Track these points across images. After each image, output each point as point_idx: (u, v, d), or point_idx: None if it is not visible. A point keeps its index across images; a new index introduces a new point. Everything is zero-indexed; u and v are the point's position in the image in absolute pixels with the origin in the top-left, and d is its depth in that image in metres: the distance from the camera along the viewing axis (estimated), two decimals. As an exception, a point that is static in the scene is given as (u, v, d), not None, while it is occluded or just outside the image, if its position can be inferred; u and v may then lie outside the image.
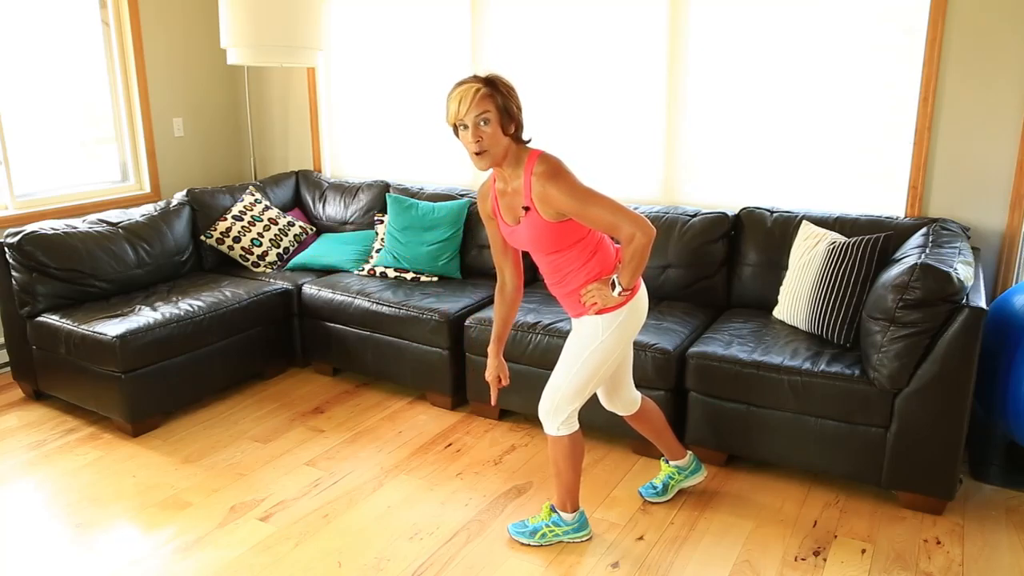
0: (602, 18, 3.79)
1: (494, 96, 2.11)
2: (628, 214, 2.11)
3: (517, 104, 2.16)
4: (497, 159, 2.17)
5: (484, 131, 2.11)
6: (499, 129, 2.13)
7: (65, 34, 4.18)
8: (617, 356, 2.33)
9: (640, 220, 2.10)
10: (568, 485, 2.46)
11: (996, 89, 3.06)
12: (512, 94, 2.16)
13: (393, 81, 4.49)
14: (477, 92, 2.09)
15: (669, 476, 2.75)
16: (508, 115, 2.13)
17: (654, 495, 2.74)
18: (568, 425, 2.38)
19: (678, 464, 2.75)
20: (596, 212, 2.11)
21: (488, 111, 2.10)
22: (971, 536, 2.55)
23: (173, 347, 3.34)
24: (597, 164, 3.96)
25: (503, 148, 2.16)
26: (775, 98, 3.48)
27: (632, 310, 2.30)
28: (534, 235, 2.23)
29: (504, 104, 2.12)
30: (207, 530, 2.62)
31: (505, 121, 2.13)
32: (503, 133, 2.14)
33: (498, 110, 2.11)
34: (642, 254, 2.13)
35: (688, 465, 2.75)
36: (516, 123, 2.17)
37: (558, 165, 2.16)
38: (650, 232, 2.11)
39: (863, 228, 3.18)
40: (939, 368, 2.50)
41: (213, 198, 4.22)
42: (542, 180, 2.13)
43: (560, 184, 2.12)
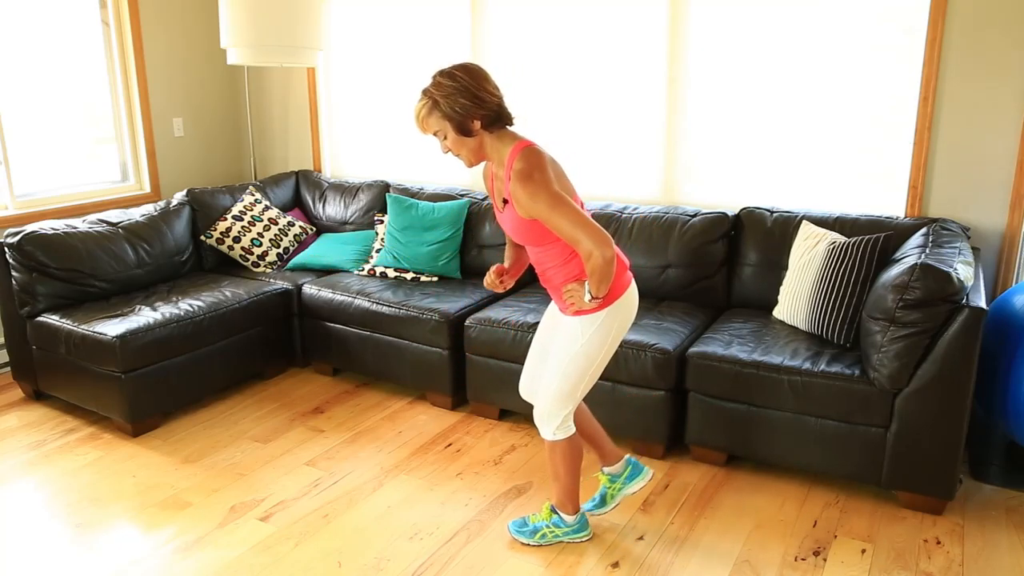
0: (602, 18, 3.79)
1: (437, 107, 2.07)
2: (591, 231, 2.02)
3: (474, 99, 2.05)
4: (475, 157, 2.15)
5: (446, 143, 2.12)
6: (457, 135, 2.10)
7: (65, 34, 4.18)
8: (604, 356, 2.30)
9: (601, 239, 2.02)
10: (567, 488, 2.46)
11: (996, 89, 3.06)
12: (455, 97, 2.05)
13: (393, 81, 4.49)
14: (420, 112, 2.09)
15: (604, 487, 2.60)
16: (463, 117, 2.06)
17: (593, 507, 2.61)
18: (564, 429, 2.37)
19: (611, 471, 2.58)
20: (559, 222, 2.04)
21: (437, 128, 2.10)
22: (971, 536, 2.55)
23: (173, 347, 3.34)
24: (597, 164, 3.96)
25: (474, 147, 2.13)
26: (775, 98, 3.48)
27: (612, 314, 2.25)
28: (514, 226, 2.21)
29: (451, 111, 2.06)
30: (207, 530, 2.62)
31: (462, 125, 2.08)
32: (467, 135, 2.10)
33: (447, 119, 2.07)
34: (601, 272, 2.06)
35: (622, 471, 2.57)
36: (479, 118, 2.08)
37: (533, 166, 2.06)
38: (608, 254, 2.02)
39: (863, 228, 3.18)
40: (939, 368, 2.50)
41: (213, 198, 4.22)
42: (515, 180, 2.07)
43: (528, 188, 2.05)
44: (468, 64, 2.12)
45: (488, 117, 2.10)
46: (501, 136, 2.16)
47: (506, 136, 2.17)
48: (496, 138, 2.15)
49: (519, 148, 2.12)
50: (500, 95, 2.14)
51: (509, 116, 2.16)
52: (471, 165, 2.18)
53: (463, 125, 2.08)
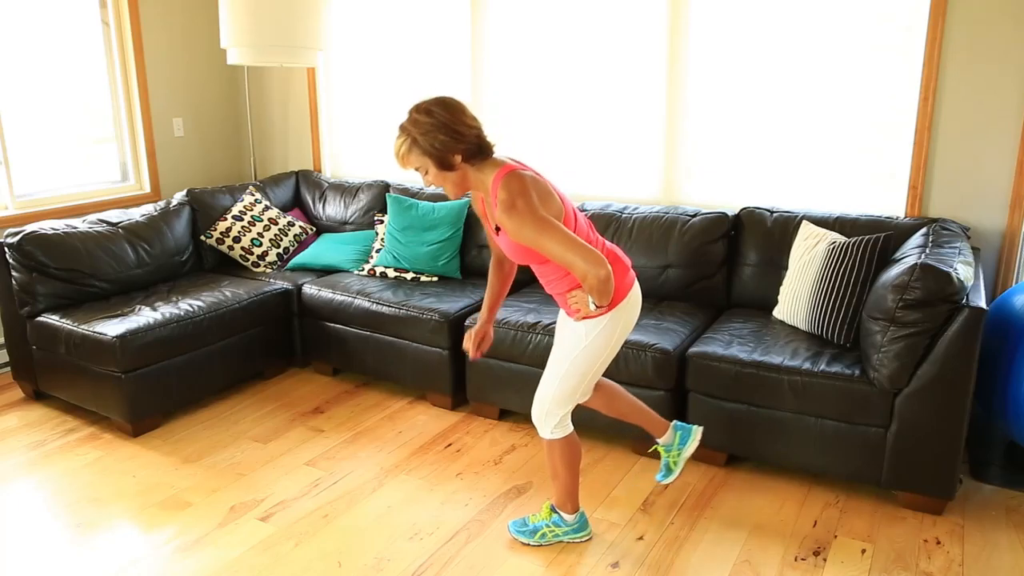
0: (602, 18, 3.79)
1: (416, 144, 2.07)
2: (583, 251, 2.00)
3: (452, 133, 2.05)
4: (459, 189, 2.16)
5: (428, 178, 2.13)
6: (438, 169, 2.10)
7: (65, 34, 4.18)
8: (606, 357, 2.31)
9: (593, 259, 2.00)
10: (567, 487, 2.46)
11: (996, 89, 3.06)
12: (433, 133, 2.04)
13: (393, 81, 4.49)
14: (400, 149, 2.10)
15: (665, 458, 2.64)
16: (443, 152, 2.06)
17: (663, 477, 2.64)
18: (562, 428, 2.38)
19: (664, 442, 2.62)
20: (549, 247, 2.03)
21: (418, 165, 2.11)
22: (971, 536, 2.55)
23: (173, 347, 3.34)
24: (597, 164, 3.96)
25: (456, 180, 2.13)
26: (775, 98, 3.48)
27: (616, 316, 2.26)
28: (511, 249, 2.22)
29: (430, 147, 2.06)
30: (207, 530, 2.62)
31: (442, 160, 2.07)
32: (448, 169, 2.10)
33: (427, 155, 2.07)
34: (600, 289, 2.05)
35: (672, 440, 2.61)
36: (459, 152, 2.08)
37: (516, 193, 2.04)
38: (602, 273, 2.01)
39: (863, 228, 3.18)
40: (939, 368, 2.50)
41: (213, 198, 4.22)
42: (500, 210, 2.07)
43: (514, 218, 2.04)
44: (444, 99, 2.11)
45: (468, 150, 2.10)
46: (484, 164, 2.15)
47: (487, 165, 2.15)
48: (478, 168, 2.15)
49: (501, 176, 2.10)
50: (478, 127, 2.13)
51: (489, 146, 2.15)
52: (456, 197, 2.18)
53: (444, 160, 2.08)
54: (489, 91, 4.17)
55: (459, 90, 4.25)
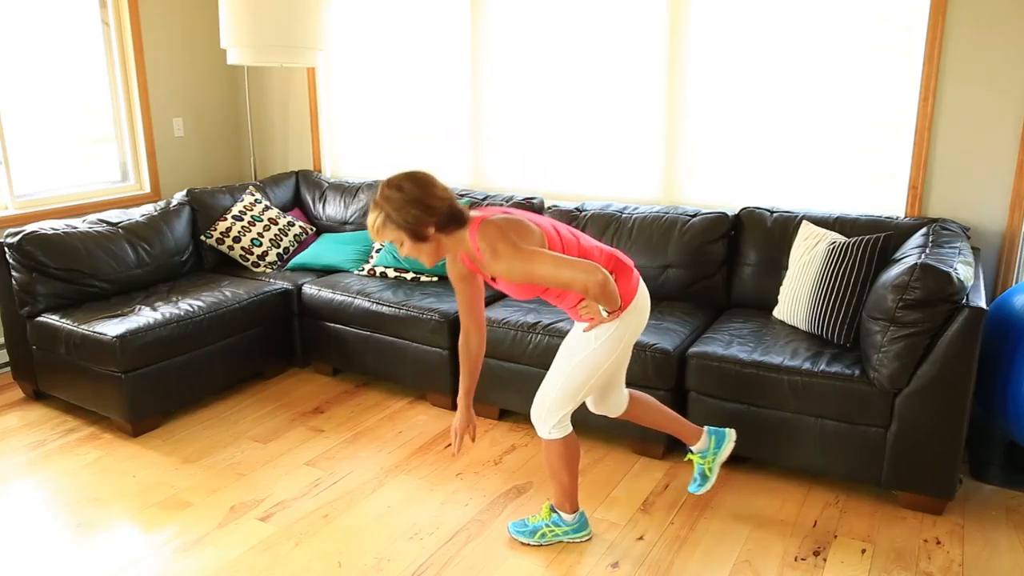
0: (602, 18, 3.79)
1: (390, 219, 2.10)
2: (573, 266, 2.05)
3: (424, 207, 2.08)
4: (435, 257, 2.18)
5: (403, 249, 2.16)
6: (413, 242, 2.13)
7: (65, 34, 4.18)
8: (612, 363, 2.33)
9: (586, 268, 2.05)
10: (565, 487, 2.46)
11: (996, 89, 3.06)
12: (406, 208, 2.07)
13: (393, 81, 4.49)
14: (375, 224, 2.13)
15: (699, 464, 2.64)
16: (416, 226, 2.09)
17: (698, 487, 2.64)
18: (560, 428, 2.38)
19: (699, 449, 2.63)
20: (543, 275, 2.08)
21: (393, 238, 2.14)
22: (971, 536, 2.55)
23: (173, 347, 3.34)
24: (597, 164, 3.96)
25: (431, 250, 2.16)
26: (775, 98, 3.48)
27: (625, 320, 2.29)
28: (512, 290, 2.28)
29: (403, 222, 2.09)
30: (207, 530, 2.62)
31: (416, 232, 2.11)
32: (422, 240, 2.13)
33: (400, 228, 2.10)
34: (603, 294, 2.09)
35: (707, 445, 2.62)
36: (432, 225, 2.11)
37: (494, 239, 2.09)
38: (599, 277, 2.05)
39: (863, 228, 3.18)
40: (939, 368, 2.50)
41: (213, 198, 4.22)
42: (487, 259, 2.12)
43: (501, 262, 2.09)
44: (414, 174, 2.14)
45: (440, 222, 2.13)
46: (458, 232, 2.18)
47: (461, 231, 2.18)
48: (453, 234, 2.17)
49: (474, 230, 2.14)
50: (449, 196, 2.15)
51: (461, 214, 2.16)
52: (431, 265, 2.22)
53: (417, 232, 2.11)
54: (489, 91, 4.17)
55: (459, 90, 4.26)
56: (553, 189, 4.12)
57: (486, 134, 4.25)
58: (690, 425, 2.64)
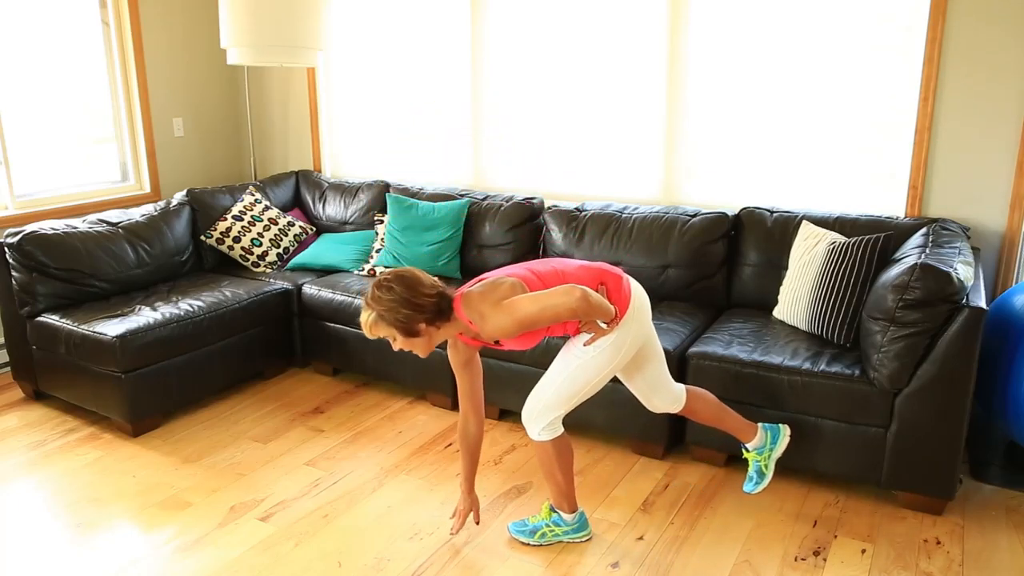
0: (602, 18, 3.79)
1: (383, 318, 2.15)
2: (550, 296, 2.11)
3: (413, 307, 2.13)
4: (427, 348, 2.24)
5: (396, 344, 2.21)
6: (406, 337, 2.18)
7: (65, 34, 4.18)
8: (610, 373, 2.34)
9: (562, 291, 2.11)
10: (560, 488, 2.46)
11: (996, 88, 3.06)
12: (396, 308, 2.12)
13: (393, 81, 4.49)
14: (367, 322, 2.18)
15: (756, 462, 2.64)
16: (407, 323, 2.14)
17: (755, 486, 2.63)
18: (550, 430, 2.38)
19: (755, 445, 2.63)
20: (527, 316, 2.12)
21: (386, 334, 2.19)
22: (971, 536, 2.55)
23: (173, 347, 3.34)
24: (597, 164, 3.96)
25: (424, 343, 2.22)
26: (775, 98, 3.48)
27: (623, 329, 2.30)
28: (518, 344, 2.32)
29: (394, 320, 2.14)
30: (207, 530, 2.62)
31: (408, 329, 2.16)
32: (414, 336, 2.18)
33: (392, 326, 2.16)
34: (589, 311, 2.14)
35: (763, 441, 2.63)
36: (422, 321, 2.16)
37: (478, 305, 2.17)
38: (576, 294, 2.10)
39: (863, 228, 3.18)
40: (939, 368, 2.50)
41: (213, 198, 4.22)
42: (482, 326, 2.18)
43: (490, 322, 2.15)
44: (401, 273, 2.18)
45: (430, 317, 2.18)
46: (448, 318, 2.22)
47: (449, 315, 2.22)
48: (447, 320, 2.23)
49: (459, 309, 2.21)
50: (437, 289, 2.20)
51: (449, 304, 2.22)
52: (425, 356, 2.28)
53: (409, 329, 2.17)
54: (489, 91, 4.17)
55: (459, 90, 4.26)
56: (553, 189, 4.12)
57: (486, 134, 4.25)
58: (746, 421, 2.64)
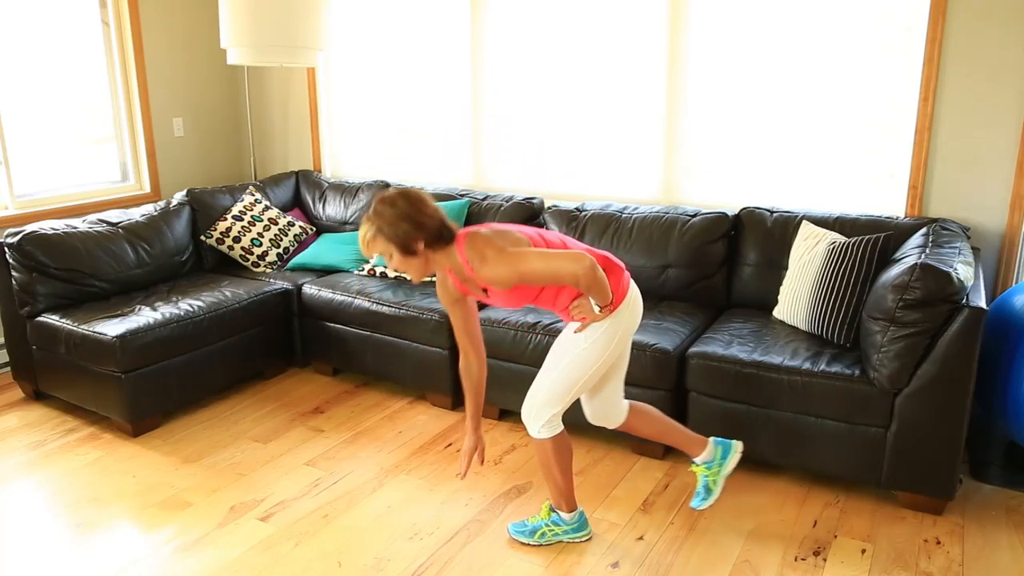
0: (602, 18, 3.79)
1: (381, 232, 2.15)
2: (562, 258, 2.10)
3: (414, 224, 2.13)
4: (422, 273, 2.23)
5: (392, 263, 2.21)
6: (403, 256, 2.18)
7: (65, 34, 4.18)
8: (603, 364, 2.33)
9: (573, 257, 2.10)
10: (559, 486, 2.46)
11: (996, 88, 3.06)
12: (397, 222, 2.13)
13: (393, 81, 4.49)
14: (365, 237, 2.19)
15: (704, 476, 2.57)
16: (406, 240, 2.14)
17: (702, 501, 2.56)
18: (550, 428, 2.38)
19: (703, 460, 2.56)
20: (533, 272, 2.12)
21: (383, 250, 2.19)
22: (971, 536, 2.55)
23: (173, 347, 3.34)
24: (597, 164, 3.96)
25: (419, 265, 2.21)
26: (775, 98, 3.48)
27: (617, 319, 2.29)
28: (505, 300, 2.30)
29: (393, 235, 2.14)
30: (207, 530, 2.62)
31: (406, 246, 2.16)
32: (411, 255, 2.18)
33: (390, 242, 2.16)
34: (594, 285, 2.14)
35: (713, 456, 2.55)
36: (421, 239, 2.16)
37: (482, 246, 2.16)
38: (587, 263, 2.10)
39: (863, 228, 3.18)
40: (939, 368, 2.50)
41: (213, 198, 4.22)
42: (478, 268, 2.17)
43: (490, 265, 2.14)
44: (407, 191, 2.20)
45: (429, 238, 2.18)
46: (446, 247, 2.23)
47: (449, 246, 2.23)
48: (442, 251, 2.23)
49: (461, 245, 2.20)
50: (440, 216, 2.20)
51: (451, 233, 2.22)
52: (417, 280, 2.26)
53: (407, 247, 2.17)
54: (489, 91, 4.17)
55: (459, 90, 4.26)
56: (553, 189, 4.11)
57: (486, 134, 4.25)
58: (693, 435, 2.57)
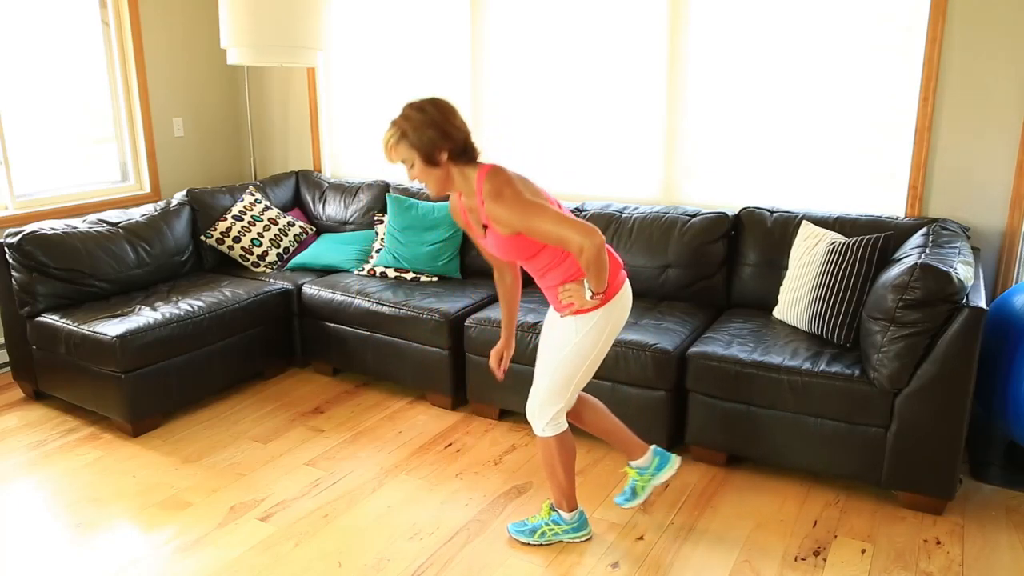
0: (602, 18, 3.79)
1: (406, 137, 2.13)
2: (574, 225, 2.07)
3: (441, 132, 2.11)
4: (441, 188, 2.20)
5: (413, 172, 2.18)
6: (424, 165, 2.15)
7: (65, 34, 4.18)
8: (597, 355, 2.32)
9: (586, 229, 2.07)
10: (561, 485, 2.46)
11: (996, 89, 3.06)
12: (423, 128, 2.10)
13: (393, 81, 4.49)
14: (389, 141, 2.16)
15: (633, 480, 2.59)
16: (430, 148, 2.12)
17: (626, 501, 2.60)
18: (554, 426, 2.38)
19: (638, 465, 2.58)
20: (541, 226, 2.09)
21: (405, 157, 2.16)
22: (971, 536, 2.55)
23: (173, 347, 3.34)
24: (597, 164, 3.96)
25: (440, 177, 2.18)
26: (775, 98, 3.48)
27: (607, 313, 2.27)
28: (498, 246, 2.26)
29: (418, 141, 2.11)
30: (207, 530, 2.62)
31: (429, 155, 2.13)
32: (434, 166, 2.15)
33: (415, 149, 2.13)
34: (596, 263, 2.11)
35: (649, 463, 2.57)
36: (446, 150, 2.14)
37: (502, 183, 2.12)
38: (597, 241, 2.07)
39: (863, 228, 3.18)
40: (939, 368, 2.50)
41: (213, 198, 4.22)
42: (488, 200, 2.13)
43: (502, 203, 2.11)
44: (437, 99, 2.18)
45: (454, 150, 2.16)
46: (467, 167, 2.21)
47: (471, 166, 2.21)
48: (461, 168, 2.20)
49: (484, 172, 2.17)
50: (467, 130, 2.19)
51: (475, 150, 2.20)
52: (436, 195, 2.24)
53: (430, 156, 2.14)
54: (489, 91, 4.17)
55: (459, 90, 4.26)
56: (553, 189, 4.11)
57: (486, 134, 4.25)
58: (636, 439, 2.59)
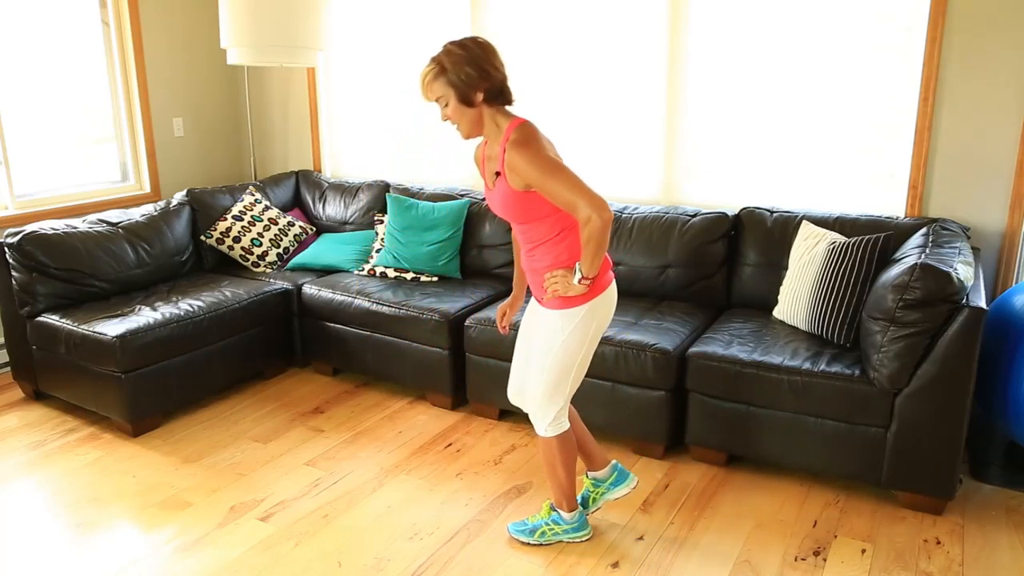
0: (602, 18, 3.79)
1: (444, 74, 2.11)
2: (588, 194, 2.05)
3: (480, 70, 2.10)
4: (472, 130, 2.20)
5: (446, 111, 2.17)
6: (459, 105, 2.14)
7: (65, 34, 4.18)
8: (585, 352, 2.30)
9: (598, 202, 2.04)
10: (562, 485, 2.46)
11: (996, 88, 3.06)
12: (462, 65, 2.08)
13: (394, 81, 4.49)
14: (426, 77, 2.14)
15: (587, 489, 2.60)
16: (467, 87, 2.11)
17: None
18: (556, 426, 2.37)
19: (596, 476, 2.58)
20: (556, 186, 2.07)
21: (441, 94, 2.14)
22: (971, 536, 2.55)
23: (173, 347, 3.34)
24: (597, 164, 3.96)
25: (473, 118, 2.17)
26: (775, 98, 3.48)
27: (592, 311, 2.25)
28: (504, 201, 2.22)
29: (456, 79, 2.10)
30: (207, 530, 2.62)
31: (465, 94, 2.12)
32: (468, 105, 2.14)
33: (451, 86, 2.12)
34: (599, 238, 2.08)
35: (606, 477, 2.57)
36: (482, 90, 2.12)
37: (530, 135, 2.13)
38: (606, 216, 2.05)
39: (863, 228, 3.18)
40: (939, 368, 2.50)
41: (213, 198, 4.22)
42: (512, 148, 2.12)
43: (525, 153, 2.09)
44: (479, 38, 2.17)
45: (491, 91, 2.15)
46: (500, 112, 2.21)
47: (504, 112, 2.22)
48: (494, 113, 2.20)
49: (516, 123, 2.18)
50: (505, 73, 2.19)
51: (510, 95, 2.21)
52: (467, 136, 2.22)
53: (466, 95, 2.13)
54: (489, 91, 4.17)
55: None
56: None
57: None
58: (600, 452, 2.59)
